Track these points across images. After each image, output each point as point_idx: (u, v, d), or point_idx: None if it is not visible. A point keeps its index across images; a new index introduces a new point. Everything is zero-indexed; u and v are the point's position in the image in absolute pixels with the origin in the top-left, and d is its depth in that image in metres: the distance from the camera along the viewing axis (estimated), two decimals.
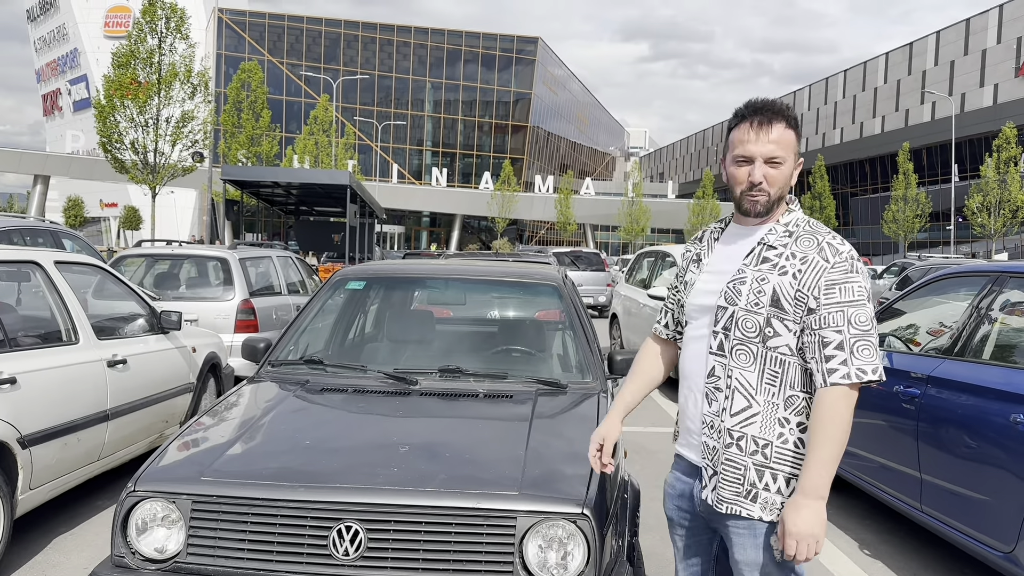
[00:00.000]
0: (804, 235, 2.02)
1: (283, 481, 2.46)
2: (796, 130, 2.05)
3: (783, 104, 2.06)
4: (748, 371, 2.00)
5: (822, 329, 1.93)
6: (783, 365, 1.99)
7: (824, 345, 1.92)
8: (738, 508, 2.00)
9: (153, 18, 26.12)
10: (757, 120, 2.01)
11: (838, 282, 1.93)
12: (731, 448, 2.01)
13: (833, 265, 1.95)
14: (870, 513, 5.01)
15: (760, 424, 1.99)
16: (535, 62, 71.86)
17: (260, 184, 21.98)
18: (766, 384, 1.99)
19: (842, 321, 1.91)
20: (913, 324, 4.87)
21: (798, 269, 1.97)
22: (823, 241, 1.98)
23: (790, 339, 1.98)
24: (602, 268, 20.79)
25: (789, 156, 2.03)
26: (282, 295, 9.05)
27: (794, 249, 2.00)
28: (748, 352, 2.00)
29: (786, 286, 1.97)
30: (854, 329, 1.91)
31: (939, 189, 47.58)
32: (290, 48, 68.92)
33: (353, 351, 4.18)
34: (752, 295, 2.00)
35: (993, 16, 50.25)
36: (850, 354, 1.90)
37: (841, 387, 1.91)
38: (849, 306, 1.92)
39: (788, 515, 1.90)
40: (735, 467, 2.00)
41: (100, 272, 5.32)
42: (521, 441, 2.77)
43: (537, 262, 5.30)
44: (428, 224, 72.72)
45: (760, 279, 2.00)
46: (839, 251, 1.96)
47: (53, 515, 4.54)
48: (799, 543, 1.88)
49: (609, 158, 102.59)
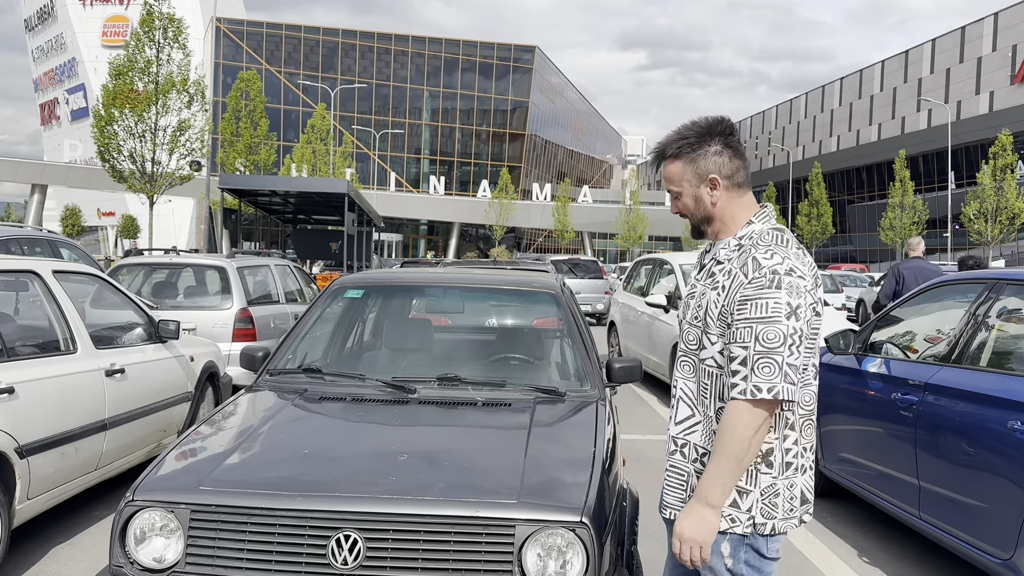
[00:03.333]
0: (746, 250, 2.00)
1: (282, 490, 2.46)
2: (679, 157, 2.08)
3: (663, 143, 2.11)
4: (690, 381, 2.09)
5: (731, 344, 1.94)
6: (711, 378, 2.03)
7: (731, 360, 1.94)
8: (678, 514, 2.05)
9: (151, 28, 26.18)
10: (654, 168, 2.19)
11: (751, 298, 1.92)
12: (675, 455, 2.09)
13: (751, 280, 1.93)
14: (868, 520, 5.01)
15: (701, 433, 2.05)
16: (532, 70, 72.03)
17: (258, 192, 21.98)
18: (701, 395, 2.06)
19: (749, 337, 1.90)
20: (910, 331, 4.88)
21: (723, 285, 1.99)
22: (750, 256, 1.96)
23: (715, 352, 2.01)
24: (600, 276, 20.82)
25: (681, 185, 2.09)
26: (280, 304, 9.04)
27: (733, 265, 2.00)
28: (690, 363, 2.09)
29: (713, 301, 2.00)
30: (759, 346, 1.89)
31: (936, 196, 47.67)
32: (287, 57, 69.03)
33: (351, 360, 4.18)
34: (695, 309, 2.07)
35: (988, 24, 50.45)
36: (751, 371, 1.89)
37: (739, 402, 1.90)
38: (759, 322, 1.90)
39: (679, 518, 1.98)
40: (678, 473, 2.08)
41: (98, 281, 5.32)
42: (520, 449, 2.77)
43: (535, 270, 5.32)
44: (426, 232, 72.76)
45: (701, 293, 2.06)
46: (760, 266, 1.93)
47: (51, 525, 4.53)
48: (682, 544, 1.95)
49: (606, 166, 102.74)
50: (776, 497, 1.98)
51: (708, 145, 2.05)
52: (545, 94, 76.33)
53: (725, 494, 1.94)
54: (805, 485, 2.04)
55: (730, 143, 2.06)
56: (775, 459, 1.98)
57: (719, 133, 2.05)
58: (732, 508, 1.98)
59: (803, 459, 2.03)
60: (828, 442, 5.05)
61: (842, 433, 4.89)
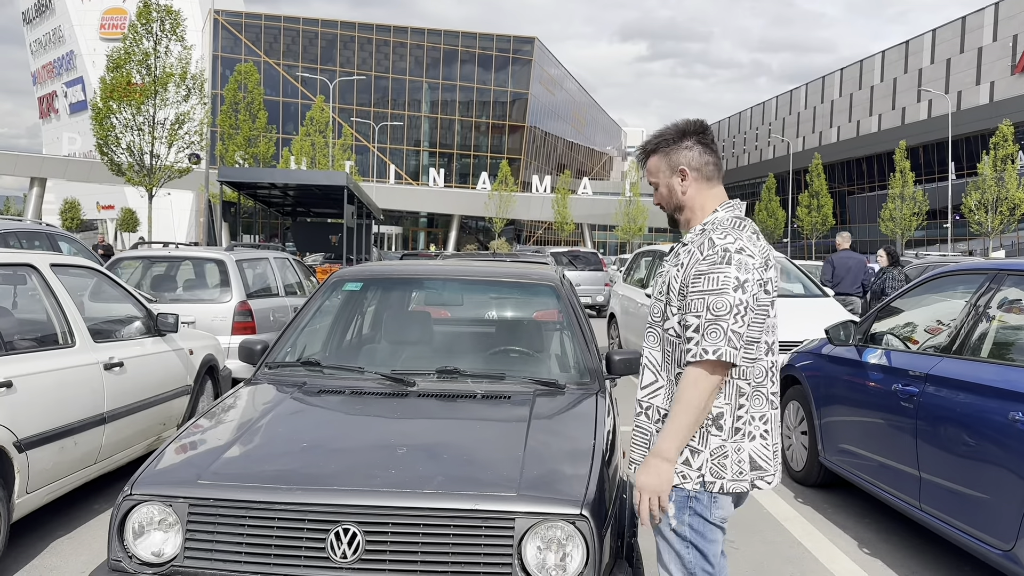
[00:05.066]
0: (708, 231, 2.25)
1: (281, 484, 2.45)
2: (657, 151, 2.37)
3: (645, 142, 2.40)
4: (655, 350, 2.32)
5: (686, 315, 2.19)
6: (672, 346, 2.27)
7: (686, 328, 2.18)
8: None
9: (148, 20, 26.07)
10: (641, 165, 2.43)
11: (705, 272, 2.16)
12: (640, 416, 2.32)
13: (705, 257, 2.18)
14: (869, 511, 5.01)
15: (664, 396, 2.28)
16: (532, 62, 71.83)
17: (257, 185, 21.92)
18: (666, 362, 2.29)
19: (701, 308, 2.14)
20: (911, 322, 4.87)
21: (683, 263, 2.25)
22: (707, 238, 2.22)
23: (675, 323, 2.25)
24: (600, 268, 20.77)
25: (659, 177, 2.37)
26: (279, 297, 9.03)
27: (694, 244, 2.26)
28: (655, 333, 2.33)
29: (674, 277, 2.26)
30: (709, 314, 2.13)
31: (936, 187, 47.62)
32: (286, 49, 68.82)
33: (350, 352, 4.17)
34: (660, 285, 2.33)
35: (989, 14, 50.29)
36: (702, 336, 2.12)
37: (692, 365, 2.13)
38: (709, 294, 2.14)
39: (638, 471, 2.22)
40: (642, 433, 2.31)
41: (96, 275, 5.30)
42: (519, 442, 2.77)
43: (535, 262, 5.30)
44: (426, 225, 72.69)
45: (665, 272, 2.33)
46: (714, 245, 2.18)
47: (50, 519, 4.53)
48: (643, 494, 2.16)
49: (606, 158, 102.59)
50: (725, 459, 2.19)
51: (682, 141, 2.33)
52: (545, 86, 76.14)
53: (679, 449, 2.17)
54: (755, 451, 2.23)
55: (702, 140, 2.33)
56: (725, 423, 2.19)
57: (693, 132, 2.33)
58: (684, 466, 2.19)
59: (752, 426, 2.23)
60: (828, 433, 5.05)
61: (842, 424, 4.89)
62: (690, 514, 2.20)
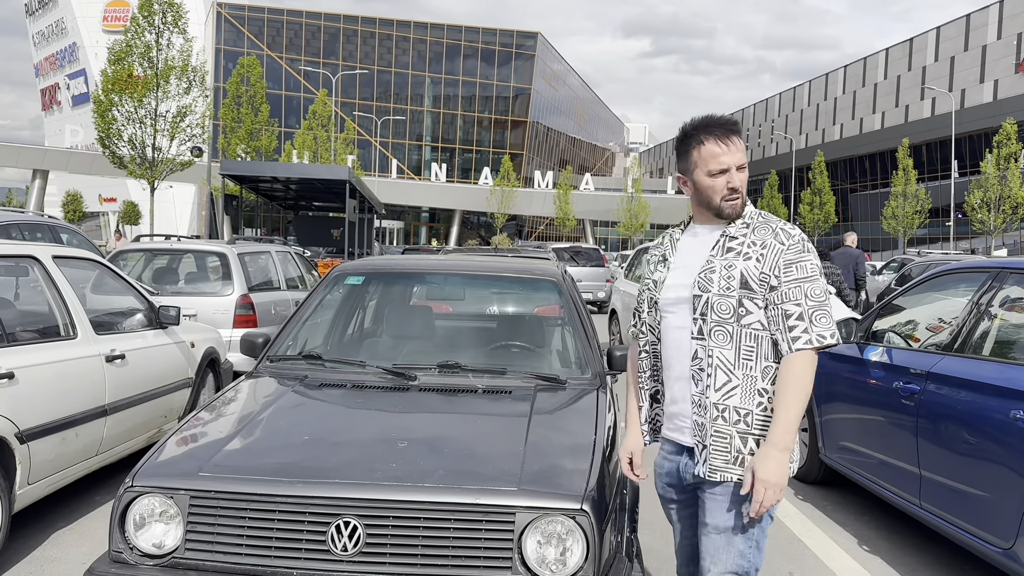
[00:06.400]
0: (759, 225, 2.28)
1: (281, 477, 2.45)
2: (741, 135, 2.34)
3: (730, 116, 2.33)
4: (726, 349, 2.23)
5: (784, 303, 2.19)
6: (757, 340, 2.23)
7: (787, 317, 2.19)
8: (729, 475, 2.21)
9: (150, 13, 26.05)
10: (721, 133, 2.25)
11: (794, 261, 2.20)
12: (717, 420, 2.22)
13: (788, 247, 2.22)
14: (869, 509, 5.01)
15: (740, 396, 2.22)
16: (534, 57, 71.72)
17: (259, 179, 21.93)
18: (743, 359, 2.22)
19: (800, 295, 2.18)
20: (913, 320, 4.86)
21: (760, 254, 2.23)
22: (776, 227, 2.26)
23: (760, 315, 2.22)
24: (601, 264, 20.76)
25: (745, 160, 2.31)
26: (281, 290, 9.03)
27: (752, 238, 2.25)
28: (724, 332, 2.23)
29: (752, 269, 2.22)
30: (810, 301, 2.18)
31: (939, 185, 47.52)
32: (289, 43, 68.74)
33: (352, 346, 4.17)
34: (723, 281, 2.23)
35: (993, 12, 50.16)
36: (809, 323, 2.17)
37: (806, 352, 2.17)
38: (804, 281, 2.19)
39: (759, 464, 2.13)
40: (722, 437, 2.22)
41: (98, 267, 5.31)
42: (520, 437, 2.77)
43: (536, 258, 5.30)
44: (427, 219, 72.65)
45: (728, 266, 2.24)
46: (791, 235, 2.24)
47: (51, 510, 4.54)
48: (767, 490, 2.11)
49: (609, 154, 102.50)
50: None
51: None
52: (547, 81, 76.05)
53: (793, 440, 2.18)
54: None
55: None
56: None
57: None
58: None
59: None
60: (829, 430, 5.05)
61: (843, 422, 4.89)
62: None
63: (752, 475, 2.13)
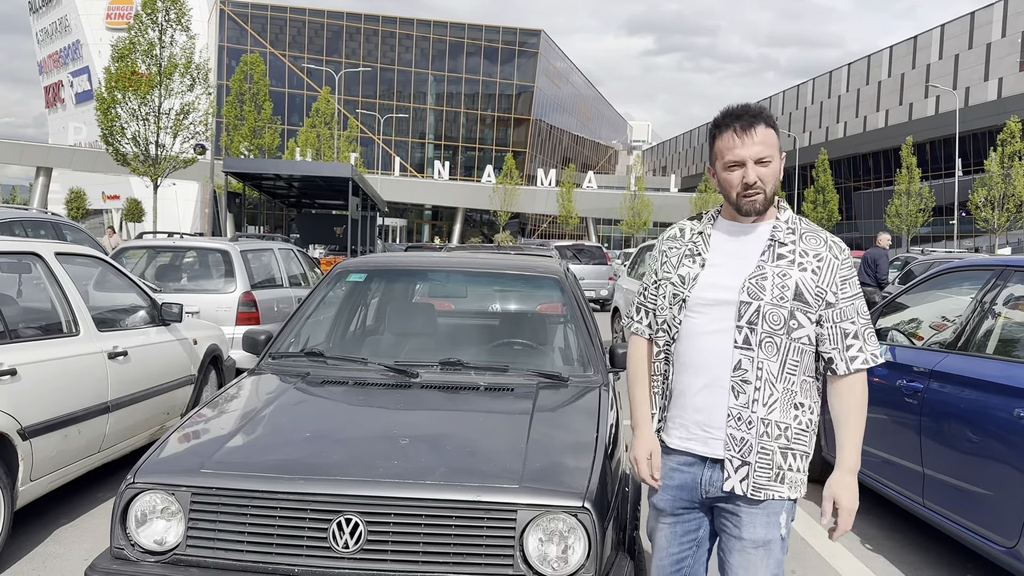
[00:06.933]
0: (807, 233, 2.16)
1: (283, 473, 2.45)
2: (775, 128, 2.17)
3: (759, 106, 2.17)
4: (772, 362, 2.11)
5: (842, 322, 2.12)
6: (803, 354, 2.13)
7: (845, 336, 2.12)
8: (772, 492, 2.11)
9: (154, 10, 26.06)
10: (740, 125, 2.11)
11: (848, 277, 2.13)
12: (763, 436, 2.10)
13: (842, 262, 2.13)
14: (872, 508, 5.00)
15: (780, 409, 2.11)
16: (537, 55, 71.66)
17: (262, 176, 21.96)
18: (786, 373, 2.12)
19: (854, 313, 2.13)
20: (916, 318, 4.85)
21: (816, 267, 2.11)
22: (829, 240, 2.16)
23: (811, 330, 2.13)
24: (604, 262, 20.75)
25: (775, 153, 2.13)
26: (284, 288, 9.04)
27: (803, 247, 2.14)
28: (773, 344, 2.10)
29: (808, 282, 2.10)
30: (861, 320, 2.13)
31: (943, 183, 47.42)
32: (292, 40, 68.74)
33: (354, 344, 4.17)
34: (776, 290, 2.09)
35: (998, 10, 50.03)
36: (864, 342, 2.12)
37: (863, 372, 2.13)
38: (857, 299, 2.14)
39: (842, 494, 2.10)
40: (766, 453, 2.10)
41: (101, 264, 5.31)
42: (522, 434, 2.76)
43: (539, 255, 5.29)
44: (430, 217, 72.66)
45: (781, 274, 2.10)
46: (843, 249, 2.16)
47: (53, 507, 4.54)
48: (848, 516, 2.09)
49: (612, 152, 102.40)
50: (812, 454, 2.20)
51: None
52: (550, 79, 75.98)
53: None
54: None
55: None
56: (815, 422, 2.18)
57: None
58: (799, 474, 2.14)
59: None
60: (831, 429, 5.04)
61: None
62: (792, 511, 2.17)
63: (832, 504, 2.11)
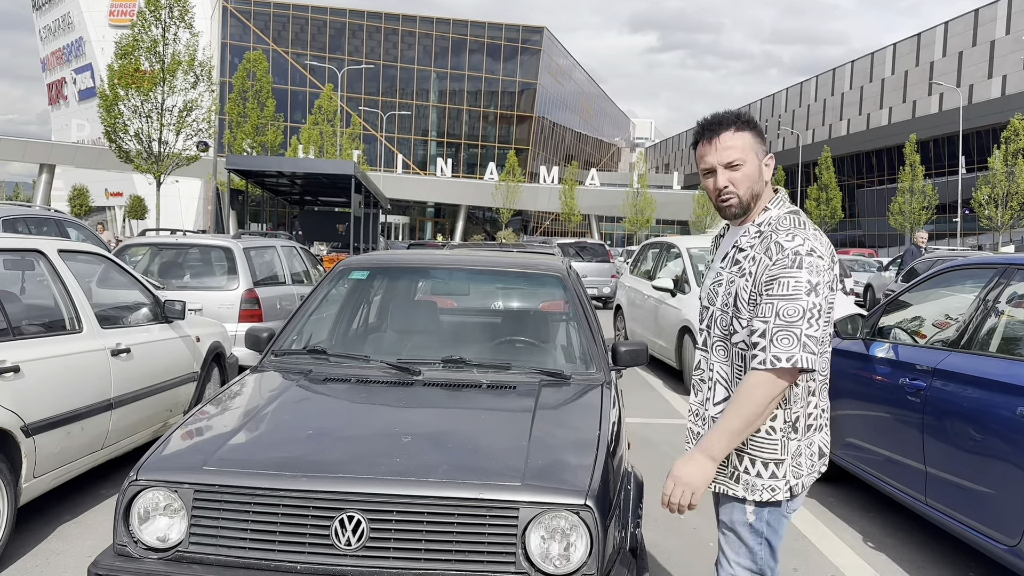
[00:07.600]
0: (767, 234, 2.14)
1: (285, 471, 2.45)
2: (750, 129, 2.18)
3: (731, 113, 2.20)
4: (724, 365, 2.20)
5: (752, 320, 2.10)
6: (742, 359, 2.16)
7: (751, 333, 2.10)
8: (725, 488, 2.19)
9: (157, 7, 26.06)
10: (707, 135, 2.17)
11: (776, 277, 2.06)
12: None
13: (775, 262, 2.08)
14: (874, 506, 5.00)
15: None
16: (540, 52, 71.57)
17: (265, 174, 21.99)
18: (735, 376, 2.18)
19: (770, 313, 2.05)
20: (919, 316, 4.84)
21: (750, 272, 2.13)
22: (773, 240, 2.11)
23: (744, 336, 2.15)
24: (607, 259, 20.73)
25: (748, 156, 2.15)
26: (286, 285, 9.04)
27: (757, 250, 2.14)
28: (723, 347, 2.20)
29: (743, 289, 2.14)
30: (779, 320, 2.04)
31: (946, 181, 47.33)
32: (295, 37, 68.72)
33: (356, 341, 4.17)
34: (725, 296, 2.19)
35: (1002, 7, 49.89)
36: (769, 342, 2.04)
37: (759, 372, 2.05)
38: (780, 299, 2.05)
39: (677, 463, 2.14)
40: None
41: (104, 261, 5.31)
42: (524, 432, 2.76)
43: (541, 253, 5.29)
44: (433, 215, 72.63)
45: (730, 281, 2.18)
46: (783, 248, 2.07)
47: (57, 503, 4.55)
48: (676, 486, 2.10)
49: (614, 149, 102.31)
50: (800, 457, 2.16)
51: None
52: (553, 76, 75.90)
53: (726, 451, 2.10)
54: (822, 441, 2.22)
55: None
56: (800, 425, 2.15)
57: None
58: (771, 479, 2.13)
59: (820, 419, 2.22)
60: (835, 427, 5.02)
61: (849, 418, 4.87)
62: (770, 512, 2.16)
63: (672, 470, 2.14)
